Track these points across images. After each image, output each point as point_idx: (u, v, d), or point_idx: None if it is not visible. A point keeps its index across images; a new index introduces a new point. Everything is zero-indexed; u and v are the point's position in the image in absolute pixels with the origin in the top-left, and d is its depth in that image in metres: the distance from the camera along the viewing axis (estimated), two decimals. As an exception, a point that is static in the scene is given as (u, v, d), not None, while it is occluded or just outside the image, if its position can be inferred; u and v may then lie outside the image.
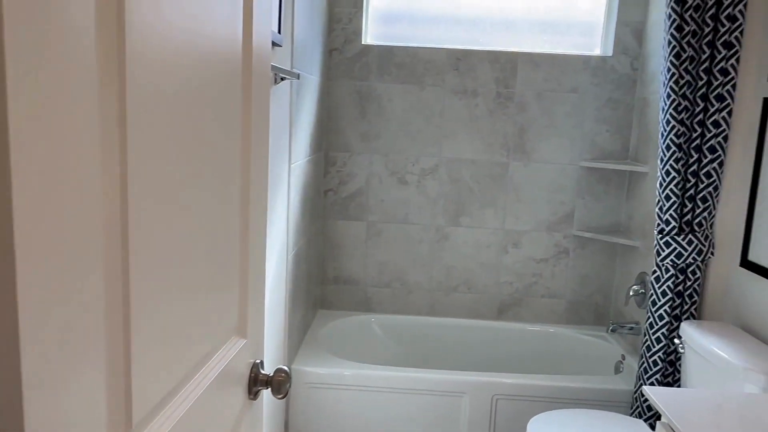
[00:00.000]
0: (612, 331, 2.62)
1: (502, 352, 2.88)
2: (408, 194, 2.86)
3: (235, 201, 0.83)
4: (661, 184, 2.02)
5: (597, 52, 2.80)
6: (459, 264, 2.91)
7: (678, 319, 2.06)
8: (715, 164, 1.96)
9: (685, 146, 1.97)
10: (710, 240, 2.03)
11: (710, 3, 1.89)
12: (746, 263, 1.91)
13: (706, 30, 1.91)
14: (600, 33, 2.79)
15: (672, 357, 2.08)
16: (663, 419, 1.32)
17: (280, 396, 0.94)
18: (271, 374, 0.95)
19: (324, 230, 2.91)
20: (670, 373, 2.09)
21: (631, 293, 2.55)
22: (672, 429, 1.27)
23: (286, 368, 0.95)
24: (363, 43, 2.76)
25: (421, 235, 2.89)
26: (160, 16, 0.57)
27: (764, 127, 1.85)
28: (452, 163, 2.83)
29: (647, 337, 2.12)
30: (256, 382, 0.94)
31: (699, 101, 1.94)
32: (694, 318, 2.08)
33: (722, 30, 1.89)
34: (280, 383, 0.93)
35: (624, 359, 2.56)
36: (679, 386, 2.08)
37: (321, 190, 2.83)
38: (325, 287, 2.96)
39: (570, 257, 2.89)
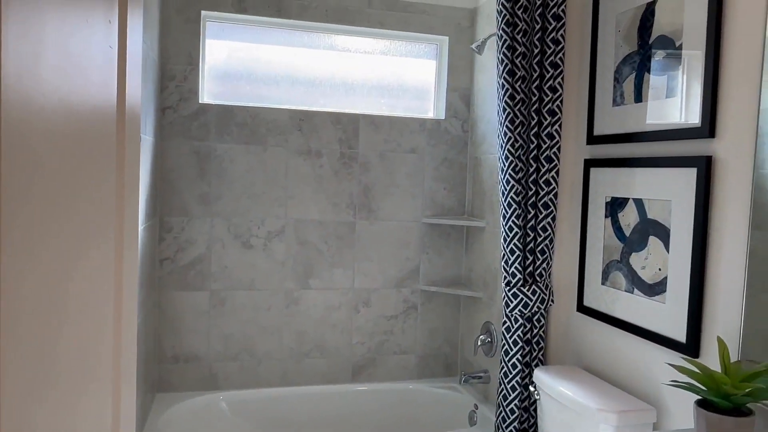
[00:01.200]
0: (464, 381, 2.70)
1: (361, 415, 2.80)
2: (254, 258, 2.71)
3: (110, 294, 0.67)
4: (505, 239, 2.15)
5: (431, 115, 2.96)
6: (310, 328, 2.80)
7: (529, 366, 2.17)
8: (549, 219, 2.14)
9: (523, 203, 2.13)
10: (550, 289, 2.19)
11: (535, 75, 2.10)
12: (582, 308, 2.09)
13: (533, 99, 2.11)
14: (432, 97, 2.97)
15: (527, 403, 2.18)
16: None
17: None
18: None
19: (160, 303, 2.62)
20: (526, 419, 2.18)
21: (479, 343, 2.66)
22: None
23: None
24: (200, 101, 2.61)
25: (269, 301, 2.74)
26: (40, 93, 0.44)
27: (587, 185, 2.07)
28: (299, 224, 2.75)
29: (502, 386, 2.20)
30: None
31: (532, 162, 2.12)
32: (542, 363, 2.21)
33: (546, 99, 2.10)
34: None
35: (477, 408, 2.64)
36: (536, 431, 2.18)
37: (156, 259, 2.56)
38: (162, 367, 2.64)
39: (418, 312, 2.94)
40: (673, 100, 1.70)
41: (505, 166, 2.11)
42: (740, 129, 1.48)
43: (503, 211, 2.15)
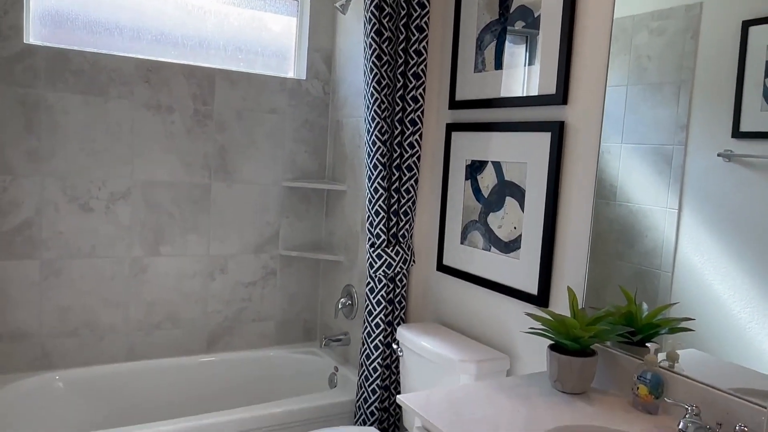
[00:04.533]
0: (325, 345, 2.70)
1: (218, 386, 2.69)
2: (95, 223, 2.45)
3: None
4: (370, 201, 2.16)
5: (291, 74, 2.86)
6: (161, 298, 2.61)
7: (391, 325, 2.23)
8: (412, 181, 2.19)
9: (388, 165, 2.15)
10: (411, 249, 2.25)
11: (401, 37, 2.11)
12: (442, 267, 2.18)
13: (399, 61, 2.12)
14: (293, 56, 2.87)
15: (389, 361, 2.24)
16: (418, 422, 1.38)
17: None
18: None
19: (-23, 275, 2.27)
20: (387, 377, 2.24)
21: (340, 306, 2.67)
22: (427, 430, 1.34)
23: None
24: (25, 41, 2.26)
25: (113, 270, 2.50)
26: None
27: (448, 149, 2.14)
28: (148, 186, 2.53)
29: (365, 346, 2.24)
30: None
31: (397, 125, 2.14)
32: (404, 322, 2.27)
33: (411, 62, 2.12)
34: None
35: (337, 371, 2.66)
36: (397, 388, 2.25)
37: (-29, 224, 2.20)
38: (-18, 348, 2.30)
39: (277, 277, 2.88)
40: (531, 68, 1.80)
41: (371, 127, 2.11)
42: (590, 99, 1.61)
43: (368, 172, 2.15)
